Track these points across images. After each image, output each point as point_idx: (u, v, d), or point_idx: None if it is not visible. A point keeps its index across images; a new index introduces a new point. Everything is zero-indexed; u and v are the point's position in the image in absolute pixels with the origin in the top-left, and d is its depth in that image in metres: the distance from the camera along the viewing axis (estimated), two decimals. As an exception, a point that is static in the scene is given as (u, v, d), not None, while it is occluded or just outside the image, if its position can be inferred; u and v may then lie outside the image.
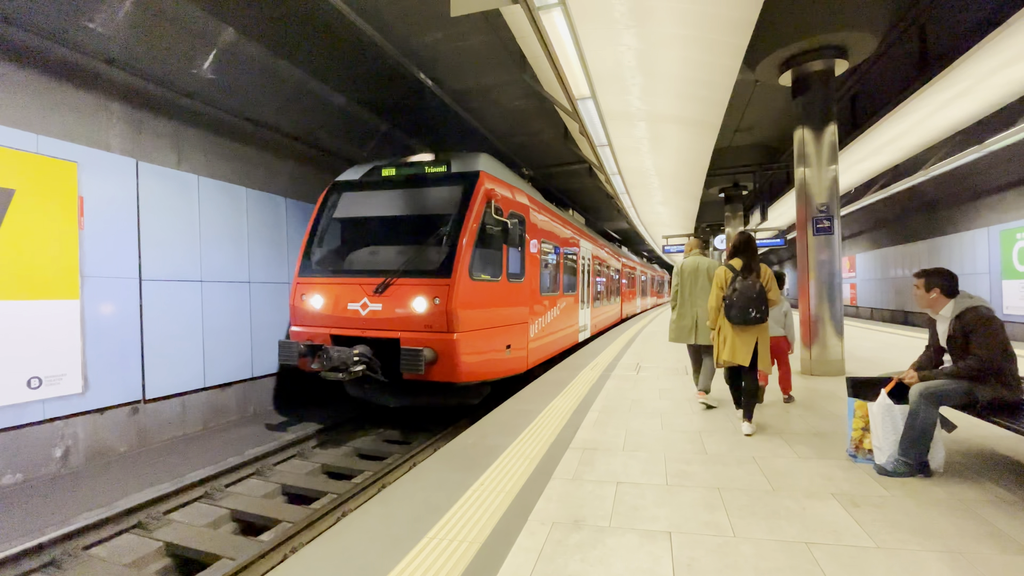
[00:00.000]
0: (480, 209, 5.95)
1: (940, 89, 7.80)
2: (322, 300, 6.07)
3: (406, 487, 3.16)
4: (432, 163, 6.67)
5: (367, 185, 6.85)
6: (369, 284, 5.84)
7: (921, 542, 2.40)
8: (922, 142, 11.05)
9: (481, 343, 5.92)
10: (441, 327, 5.48)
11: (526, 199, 7.58)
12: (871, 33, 6.50)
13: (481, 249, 6.00)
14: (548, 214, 9.04)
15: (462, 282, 5.59)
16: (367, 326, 5.76)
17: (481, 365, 5.96)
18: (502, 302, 6.50)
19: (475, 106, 10.33)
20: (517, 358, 6.93)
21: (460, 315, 5.52)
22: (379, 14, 6.95)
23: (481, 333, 5.93)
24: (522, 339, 7.12)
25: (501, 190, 6.55)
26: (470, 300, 5.71)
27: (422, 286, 5.60)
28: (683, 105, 8.02)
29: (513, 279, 6.81)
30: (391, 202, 6.55)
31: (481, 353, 5.93)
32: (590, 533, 2.54)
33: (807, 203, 6.96)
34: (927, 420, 3.14)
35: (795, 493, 2.99)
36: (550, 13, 4.76)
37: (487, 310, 6.11)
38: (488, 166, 6.64)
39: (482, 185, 6.11)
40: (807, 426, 4.39)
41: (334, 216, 6.79)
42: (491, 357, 6.18)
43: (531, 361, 7.47)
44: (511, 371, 6.72)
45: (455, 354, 5.45)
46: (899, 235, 18.73)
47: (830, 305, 6.79)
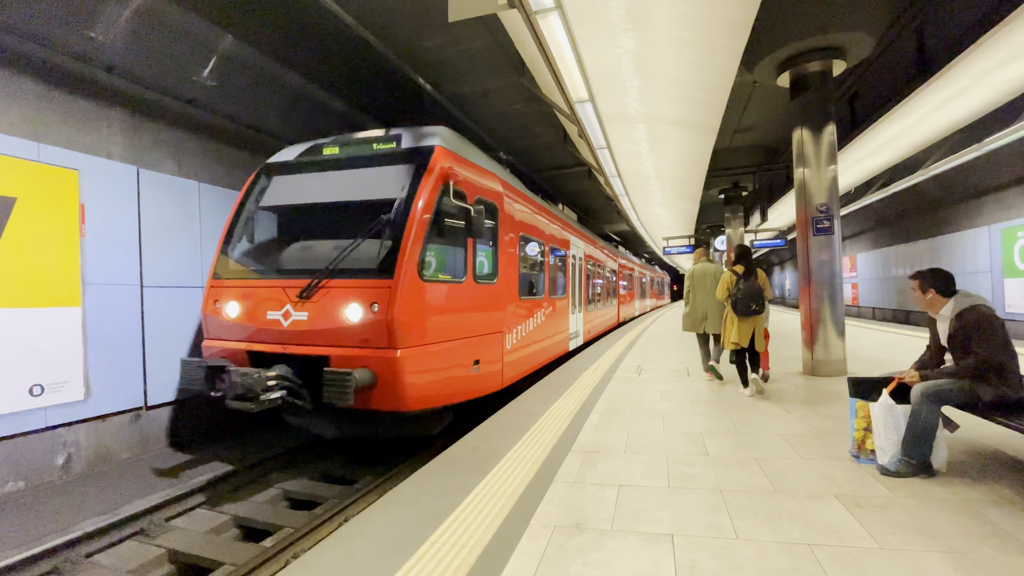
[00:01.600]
0: (433, 192, 4.77)
1: (938, 88, 7.81)
2: (238, 307, 4.92)
3: (408, 492, 3.16)
4: (380, 139, 5.48)
5: (302, 167, 5.65)
6: (293, 287, 4.66)
7: (924, 543, 2.39)
8: (921, 141, 11.06)
9: (437, 359, 4.78)
10: (381, 341, 4.34)
11: (499, 185, 6.35)
12: (868, 33, 6.52)
13: (437, 242, 4.94)
14: (529, 205, 7.78)
15: (408, 283, 4.42)
16: (290, 340, 4.61)
17: (437, 387, 4.83)
18: (467, 307, 5.41)
19: (474, 110, 10.37)
20: (489, 374, 5.80)
21: (405, 325, 4.37)
22: (378, 19, 6.98)
23: (437, 347, 4.77)
24: (496, 351, 5.98)
25: (464, 171, 5.39)
26: (420, 306, 4.59)
27: (357, 289, 4.47)
28: (681, 107, 8.04)
29: (483, 280, 5.72)
30: (329, 186, 5.38)
31: (437, 372, 4.80)
32: (592, 536, 2.53)
33: (807, 203, 6.97)
34: (929, 420, 3.13)
35: (797, 494, 2.98)
36: (547, 17, 4.78)
37: (445, 318, 4.99)
38: (448, 141, 5.46)
39: (437, 163, 4.92)
40: (809, 427, 4.39)
41: (261, 205, 5.63)
42: (452, 376, 5.04)
43: (508, 377, 6.36)
44: (481, 391, 5.61)
45: (399, 376, 4.31)
46: (900, 234, 18.73)
47: (831, 305, 6.78)
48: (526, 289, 7.35)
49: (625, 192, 14.14)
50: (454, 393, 5.10)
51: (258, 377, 4.20)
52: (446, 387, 4.97)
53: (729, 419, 4.70)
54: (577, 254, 11.30)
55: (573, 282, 10.82)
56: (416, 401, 4.52)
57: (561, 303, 9.54)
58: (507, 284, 6.42)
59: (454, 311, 5.17)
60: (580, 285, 11.57)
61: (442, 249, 5.15)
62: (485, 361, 5.67)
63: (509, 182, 6.99)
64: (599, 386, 6.40)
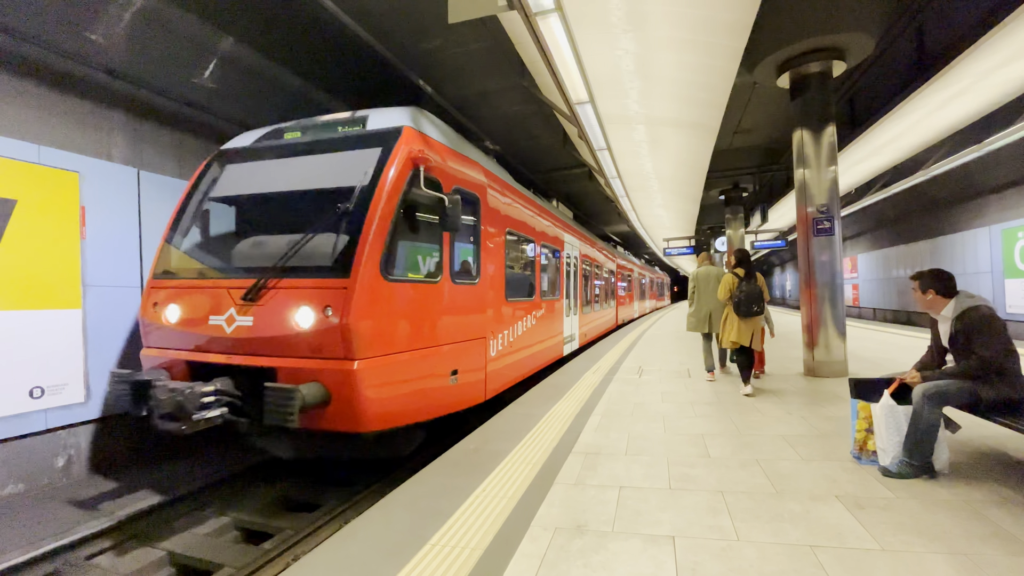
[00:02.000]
0: (400, 178, 4.19)
1: (938, 89, 7.81)
2: (178, 311, 4.34)
3: (408, 493, 3.15)
4: (344, 121, 4.94)
5: (258, 153, 5.07)
6: (239, 288, 4.09)
7: (926, 544, 2.38)
8: (921, 142, 11.06)
9: (403, 371, 4.18)
10: (335, 351, 3.76)
11: (482, 175, 5.77)
12: (868, 34, 6.53)
13: (405, 237, 4.35)
14: (518, 199, 7.13)
15: (368, 283, 3.84)
16: (235, 349, 4.03)
17: (404, 403, 4.24)
18: (443, 311, 4.82)
19: (475, 112, 10.37)
20: (469, 385, 5.24)
21: (364, 332, 3.79)
22: (379, 21, 6.99)
23: (403, 357, 4.17)
24: (477, 359, 5.43)
25: (439, 157, 4.81)
26: (383, 309, 3.99)
27: (307, 290, 3.89)
28: (681, 108, 8.04)
29: (462, 280, 5.16)
30: (286, 174, 4.78)
31: (404, 385, 4.21)
32: (593, 538, 2.52)
33: (807, 204, 6.96)
34: (931, 421, 3.12)
35: (799, 496, 2.97)
36: (547, 18, 4.78)
37: (415, 322, 4.40)
38: (420, 123, 4.86)
39: (405, 146, 4.34)
40: (810, 428, 4.38)
41: (210, 195, 5.04)
42: (423, 389, 4.48)
43: (492, 388, 5.83)
44: (460, 404, 5.06)
45: (356, 391, 3.74)
46: (901, 235, 18.72)
47: (832, 306, 6.78)
48: (514, 290, 6.82)
49: (625, 193, 14.14)
50: (425, 408, 4.53)
51: (190, 393, 3.63)
52: (415, 402, 4.40)
53: (730, 420, 4.69)
54: (572, 253, 10.87)
55: (568, 283, 10.31)
56: (377, 420, 3.95)
57: (554, 305, 9.02)
58: (491, 284, 5.87)
59: (426, 315, 4.59)
60: (575, 286, 11.07)
61: (412, 245, 4.55)
62: (465, 370, 5.11)
63: (494, 173, 6.39)
64: (599, 387, 6.40)
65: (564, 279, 9.94)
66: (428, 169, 4.49)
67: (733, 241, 18.54)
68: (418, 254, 4.66)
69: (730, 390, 6.04)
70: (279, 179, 4.79)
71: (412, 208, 4.38)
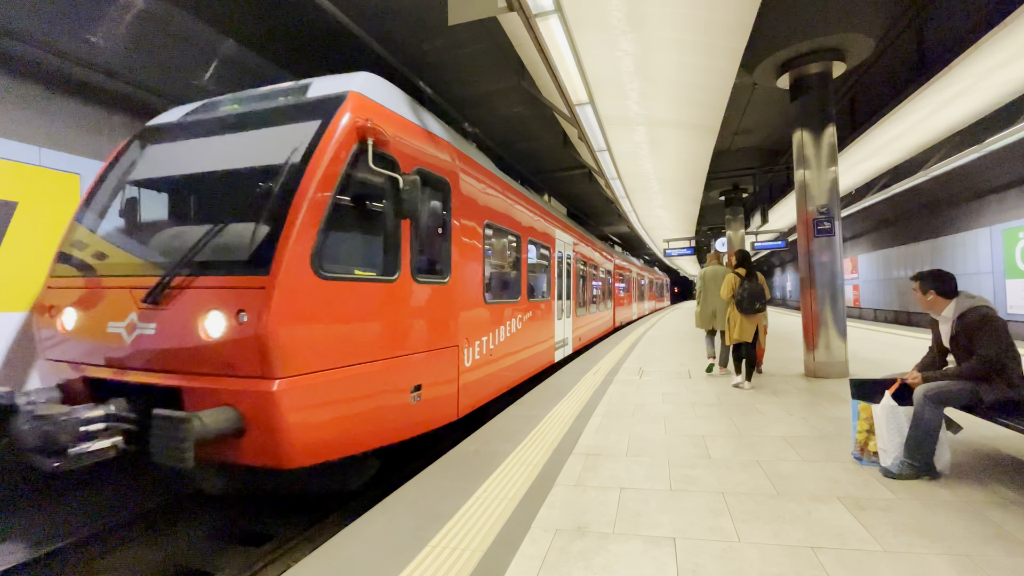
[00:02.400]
0: (341, 152, 3.44)
1: (938, 90, 7.82)
2: (74, 316, 3.61)
3: (408, 495, 3.15)
4: (286, 91, 4.19)
5: (185, 130, 4.25)
6: (142, 288, 3.33)
7: (928, 545, 2.38)
8: (922, 143, 11.07)
9: (343, 390, 3.39)
10: (250, 367, 3.01)
11: (453, 157, 4.97)
12: (868, 35, 6.53)
13: (347, 225, 3.59)
14: (500, 188, 6.29)
15: (294, 280, 3.08)
16: (135, 363, 3.30)
17: (346, 429, 3.44)
18: (402, 314, 4.01)
19: (475, 113, 10.39)
20: (437, 402, 4.43)
21: (287, 342, 3.03)
22: (379, 23, 7.00)
23: (344, 374, 3.38)
24: (447, 371, 4.63)
25: (396, 131, 4.00)
26: (315, 312, 3.21)
27: (218, 289, 3.15)
28: (681, 109, 8.05)
29: (428, 278, 4.35)
30: (210, 153, 3.97)
31: (345, 407, 3.42)
32: (594, 540, 2.52)
33: (807, 205, 6.96)
34: (932, 421, 3.12)
35: (800, 497, 2.97)
36: (547, 20, 4.79)
37: (363, 329, 3.60)
38: (373, 90, 4.03)
39: (349, 114, 3.57)
40: (811, 429, 4.37)
41: (125, 179, 4.23)
42: (373, 410, 3.66)
43: (468, 403, 5.04)
44: (424, 425, 4.25)
45: (276, 418, 2.97)
46: (901, 236, 18.72)
47: (832, 307, 6.77)
48: (496, 290, 6.18)
49: (625, 194, 14.15)
50: (376, 434, 3.72)
51: (65, 421, 2.86)
52: (361, 427, 3.59)
53: (731, 421, 4.69)
54: (565, 251, 10.08)
55: (560, 282, 9.53)
56: (306, 453, 3.16)
57: (544, 307, 8.25)
58: (466, 284, 5.12)
59: (378, 319, 3.75)
60: (568, 286, 10.30)
61: (359, 235, 3.75)
62: (431, 384, 4.33)
63: (470, 156, 5.58)
64: (600, 388, 6.39)
65: (556, 279, 9.21)
66: (380, 144, 3.70)
67: (733, 242, 18.55)
68: (367, 246, 3.84)
69: (731, 391, 6.04)
70: (202, 159, 4.00)
71: (358, 190, 3.59)
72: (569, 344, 10.13)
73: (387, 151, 3.82)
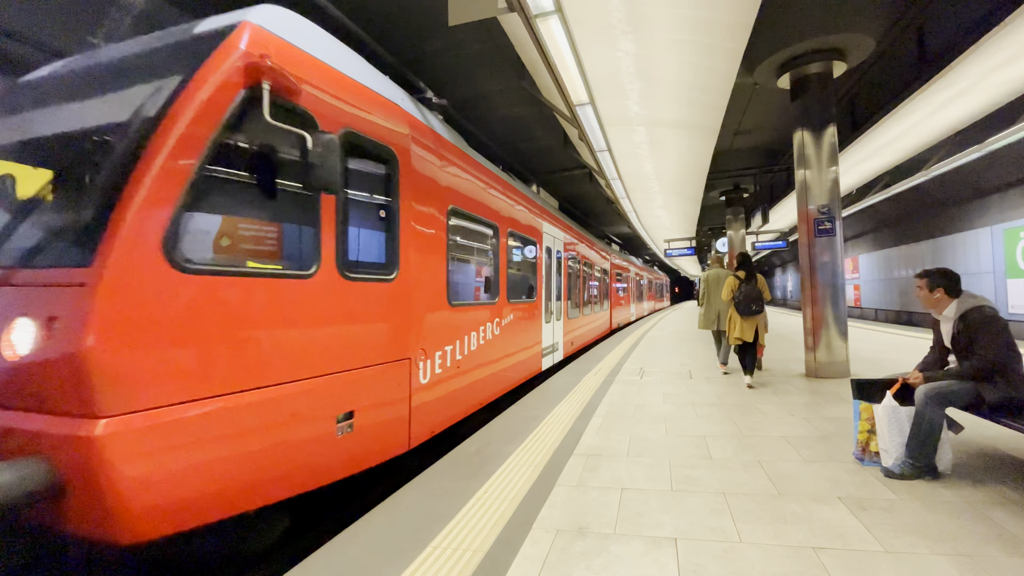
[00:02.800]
0: (217, 99, 2.50)
1: (939, 89, 7.81)
2: None
3: (410, 496, 3.15)
4: (170, 33, 3.05)
5: (37, 90, 3.20)
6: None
7: (929, 545, 2.37)
8: (923, 142, 11.06)
9: (219, 427, 2.46)
10: (64, 401, 2.14)
11: (402, 123, 3.93)
12: (869, 35, 6.53)
13: (229, 198, 2.70)
14: (470, 168, 5.31)
15: (130, 273, 2.20)
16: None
17: (228, 479, 2.51)
18: (321, 319, 3.08)
19: (475, 114, 10.39)
20: (380, 429, 3.55)
21: (119, 362, 2.13)
22: (378, 23, 7.01)
23: (221, 405, 2.46)
24: (393, 391, 3.71)
25: (311, 78, 3.05)
26: (168, 318, 2.32)
27: (26, 288, 2.31)
28: (682, 109, 8.05)
29: (365, 273, 3.48)
30: (64, 115, 2.91)
31: (223, 447, 2.48)
32: (595, 540, 2.52)
33: (808, 205, 6.96)
34: (933, 421, 3.12)
35: (801, 497, 2.96)
36: (547, 20, 4.79)
37: (254, 342, 2.66)
38: (279, 24, 2.98)
39: (235, 49, 2.61)
40: (812, 429, 4.37)
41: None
42: (275, 447, 2.73)
43: (424, 429, 4.10)
44: (360, 462, 3.35)
45: (102, 476, 2.08)
46: (902, 235, 18.71)
47: (833, 307, 6.77)
48: (463, 290, 5.32)
49: (626, 195, 14.16)
50: (282, 481, 2.79)
51: None
52: (255, 476, 2.62)
53: (732, 422, 4.68)
54: (555, 247, 9.14)
55: (549, 282, 8.59)
56: (155, 522, 2.24)
57: (528, 309, 7.27)
58: (421, 282, 4.13)
59: (282, 328, 2.82)
60: (559, 285, 9.38)
61: (253, 213, 2.83)
62: (369, 409, 3.40)
63: (429, 125, 4.50)
64: (601, 389, 6.39)
65: (544, 278, 8.21)
66: (284, 91, 2.77)
67: (734, 242, 18.55)
68: (267, 230, 2.95)
69: (732, 391, 6.04)
70: (51, 121, 2.96)
71: (250, 151, 2.71)
72: (560, 349, 9.29)
73: (296, 102, 2.89)
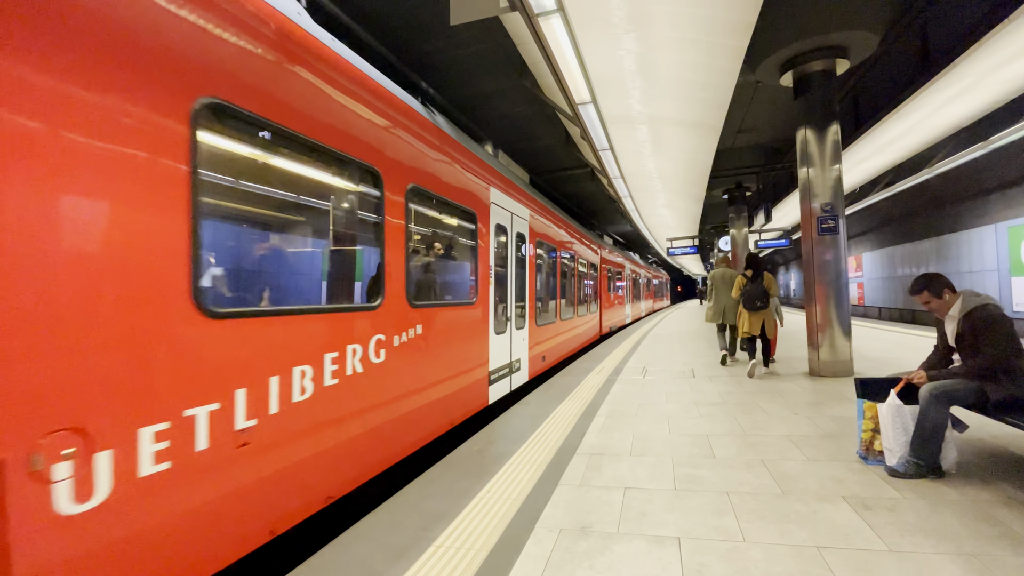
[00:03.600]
0: None
1: (942, 87, 7.78)
2: None
3: (412, 495, 3.15)
4: None
5: None
6: None
7: (934, 544, 2.36)
8: (926, 140, 11.02)
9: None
10: None
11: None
12: (871, 32, 6.50)
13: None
14: (331, 72, 3.07)
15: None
16: None
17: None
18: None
19: (477, 113, 10.39)
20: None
21: None
22: (380, 23, 7.01)
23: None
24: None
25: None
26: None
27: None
28: (684, 108, 8.03)
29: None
30: None
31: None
32: (598, 540, 2.52)
33: (811, 203, 6.93)
34: (938, 420, 3.11)
35: (805, 496, 2.96)
36: (549, 20, 4.79)
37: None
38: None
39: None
40: (816, 428, 4.36)
41: None
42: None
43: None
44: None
45: None
46: (906, 233, 18.64)
47: (837, 305, 6.74)
48: (284, 288, 3.77)
49: (628, 193, 14.14)
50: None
51: None
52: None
53: (735, 421, 4.68)
54: (516, 228, 6.72)
55: (504, 275, 6.25)
56: None
57: (462, 315, 4.94)
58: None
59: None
60: (523, 281, 7.09)
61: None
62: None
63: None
64: (603, 388, 6.39)
65: (490, 269, 5.73)
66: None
67: (737, 240, 18.49)
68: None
69: (735, 390, 6.02)
70: None
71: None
72: (525, 367, 6.97)
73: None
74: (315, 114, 2.88)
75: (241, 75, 2.39)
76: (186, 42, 2.12)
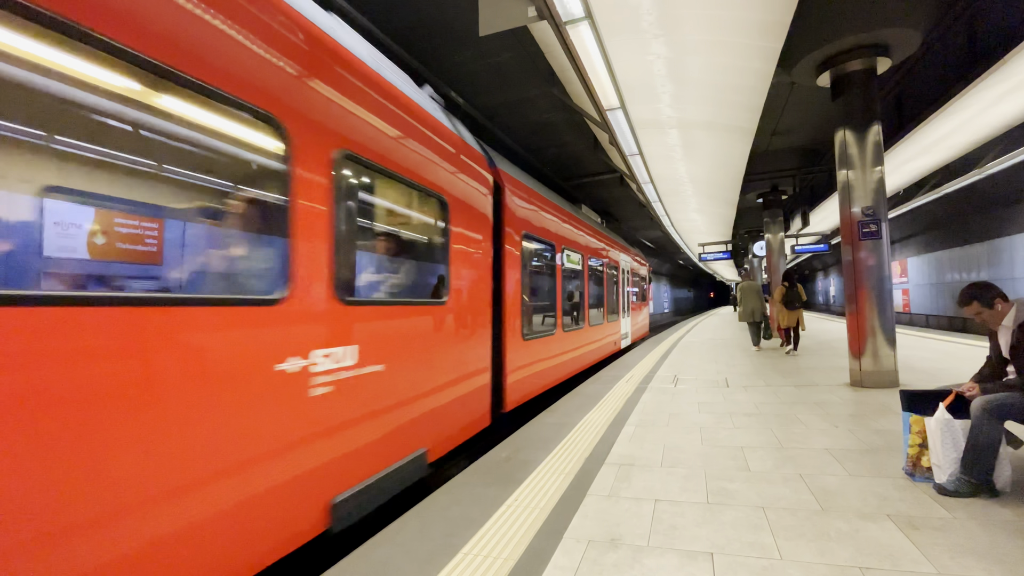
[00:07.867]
0: None
1: (992, 84, 7.42)
2: None
3: (440, 501, 3.17)
4: None
5: None
6: None
7: (987, 568, 2.23)
8: (975, 140, 10.51)
9: None
10: None
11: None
12: (915, 29, 6.24)
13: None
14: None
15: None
16: None
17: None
18: None
19: (505, 121, 10.46)
20: None
21: None
22: (407, 34, 7.15)
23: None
24: None
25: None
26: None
27: None
28: (716, 111, 7.90)
29: None
30: None
31: None
32: (627, 552, 2.47)
33: (851, 206, 6.69)
34: (991, 436, 2.93)
35: (847, 513, 2.83)
36: (577, 27, 4.79)
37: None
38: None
39: None
40: (858, 442, 4.18)
41: None
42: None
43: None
44: None
45: None
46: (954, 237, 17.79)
47: (880, 312, 6.47)
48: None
49: (658, 198, 13.96)
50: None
51: None
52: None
53: (771, 432, 4.53)
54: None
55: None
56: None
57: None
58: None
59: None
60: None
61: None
62: None
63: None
64: (633, 397, 6.29)
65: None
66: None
67: (772, 245, 17.98)
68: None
69: (771, 401, 5.84)
70: None
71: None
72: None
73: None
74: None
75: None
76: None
